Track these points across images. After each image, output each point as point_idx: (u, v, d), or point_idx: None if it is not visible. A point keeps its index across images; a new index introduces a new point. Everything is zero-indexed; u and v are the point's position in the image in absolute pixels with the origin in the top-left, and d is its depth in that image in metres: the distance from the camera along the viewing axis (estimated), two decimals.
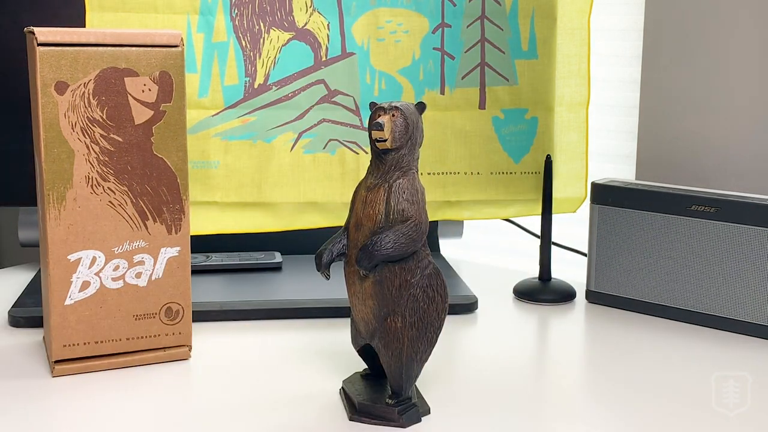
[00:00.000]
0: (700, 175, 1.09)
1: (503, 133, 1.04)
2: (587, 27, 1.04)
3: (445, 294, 0.69)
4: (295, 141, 0.99)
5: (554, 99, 1.05)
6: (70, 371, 0.77)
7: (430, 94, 1.02)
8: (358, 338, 0.72)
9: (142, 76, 0.75)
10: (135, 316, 0.79)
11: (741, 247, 0.89)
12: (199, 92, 0.96)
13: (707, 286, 0.92)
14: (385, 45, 1.00)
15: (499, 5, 1.02)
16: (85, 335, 0.77)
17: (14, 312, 0.90)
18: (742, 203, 0.89)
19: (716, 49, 1.08)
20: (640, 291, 0.97)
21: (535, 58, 1.03)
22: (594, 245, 0.99)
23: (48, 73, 0.72)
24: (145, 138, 0.76)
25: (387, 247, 0.65)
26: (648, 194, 0.95)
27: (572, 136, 1.06)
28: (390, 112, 0.67)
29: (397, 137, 0.67)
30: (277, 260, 1.07)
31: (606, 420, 0.71)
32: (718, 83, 1.08)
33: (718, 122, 1.09)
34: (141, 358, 0.79)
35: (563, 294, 1.02)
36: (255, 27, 0.97)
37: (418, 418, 0.69)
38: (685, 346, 0.88)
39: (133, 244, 0.78)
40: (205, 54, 0.96)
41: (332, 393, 0.74)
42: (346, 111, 1.00)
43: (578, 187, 1.07)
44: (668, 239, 0.94)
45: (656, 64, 1.13)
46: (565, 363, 0.86)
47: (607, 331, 0.93)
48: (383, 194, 0.67)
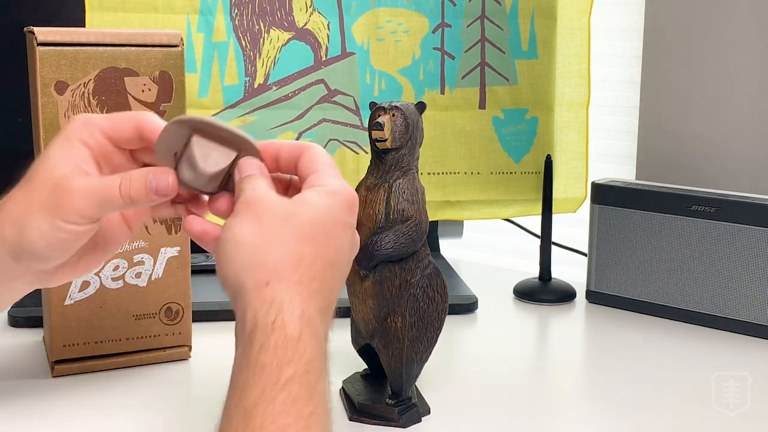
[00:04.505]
0: (700, 175, 1.09)
1: (503, 133, 1.04)
2: (587, 27, 1.04)
3: (445, 294, 0.69)
4: (295, 141, 0.99)
5: (554, 99, 1.05)
6: (70, 371, 0.77)
7: (430, 94, 1.02)
8: (358, 338, 0.72)
9: (142, 76, 0.75)
10: (135, 316, 0.79)
11: (741, 247, 0.89)
12: (199, 92, 0.96)
13: (707, 286, 0.92)
14: (385, 45, 1.00)
15: (499, 5, 1.02)
16: (85, 335, 0.77)
17: (14, 312, 0.89)
18: (742, 203, 0.89)
19: (716, 49, 1.08)
20: (640, 291, 0.96)
21: (535, 58, 1.03)
22: (594, 245, 0.99)
23: (48, 73, 0.72)
24: None
25: (387, 247, 0.65)
26: (648, 194, 0.95)
27: (572, 136, 1.06)
28: (390, 111, 0.67)
29: (397, 137, 0.67)
30: None
31: (606, 419, 0.71)
32: (718, 83, 1.08)
33: (718, 122, 1.09)
34: (141, 358, 0.79)
35: (563, 294, 1.02)
36: (255, 27, 0.97)
37: (418, 418, 0.69)
38: (685, 346, 0.88)
39: (132, 244, 0.77)
40: (205, 54, 0.96)
41: (332, 393, 0.74)
42: (346, 111, 1.00)
43: (578, 187, 1.06)
44: (668, 239, 0.94)
45: (656, 65, 1.13)
46: (565, 363, 0.86)
47: (607, 331, 0.93)
48: (383, 194, 0.67)
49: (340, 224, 0.52)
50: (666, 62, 1.12)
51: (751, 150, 1.07)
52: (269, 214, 0.50)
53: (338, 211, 0.52)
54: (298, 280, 0.49)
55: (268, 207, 0.51)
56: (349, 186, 0.54)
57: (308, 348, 0.47)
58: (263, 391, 0.45)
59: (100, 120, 0.55)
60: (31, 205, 0.53)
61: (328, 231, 0.51)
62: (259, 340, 0.47)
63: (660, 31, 1.12)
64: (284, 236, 0.49)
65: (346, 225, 0.52)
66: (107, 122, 0.55)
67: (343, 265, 0.53)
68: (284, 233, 0.49)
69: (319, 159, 0.55)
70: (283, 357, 0.46)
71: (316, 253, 0.50)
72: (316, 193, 0.52)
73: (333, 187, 0.53)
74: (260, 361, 0.46)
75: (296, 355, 0.46)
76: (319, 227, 0.51)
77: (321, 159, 0.55)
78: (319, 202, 0.51)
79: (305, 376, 0.46)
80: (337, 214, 0.52)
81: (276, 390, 0.45)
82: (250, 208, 0.51)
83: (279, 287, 0.48)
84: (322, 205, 0.51)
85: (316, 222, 0.50)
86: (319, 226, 0.51)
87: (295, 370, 0.46)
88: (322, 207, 0.51)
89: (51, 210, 0.52)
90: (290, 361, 0.46)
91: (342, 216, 0.52)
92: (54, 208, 0.52)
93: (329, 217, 0.51)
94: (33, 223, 0.53)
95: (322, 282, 0.50)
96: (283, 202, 0.51)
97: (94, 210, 0.53)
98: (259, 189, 0.52)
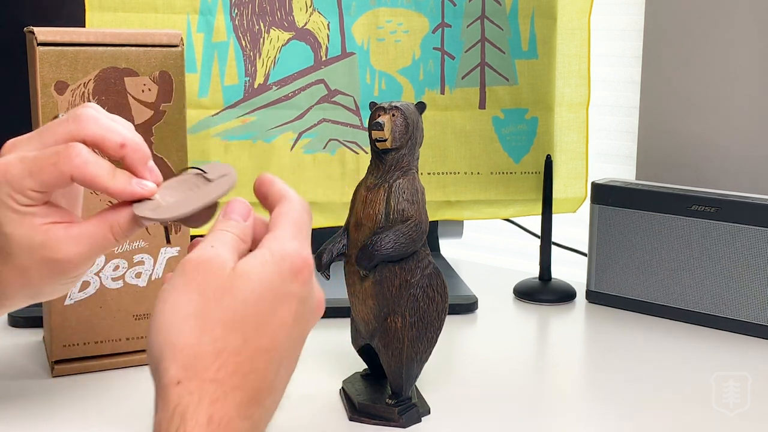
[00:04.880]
0: (700, 175, 1.09)
1: (503, 133, 1.04)
2: (587, 27, 1.04)
3: (445, 294, 0.69)
4: (295, 141, 0.99)
5: (554, 99, 1.05)
6: (70, 371, 0.77)
7: (430, 94, 1.02)
8: (358, 338, 0.72)
9: (142, 76, 0.75)
10: (135, 316, 0.79)
11: (741, 247, 0.89)
12: (199, 92, 0.96)
13: (707, 286, 0.92)
14: (385, 45, 1.00)
15: (499, 5, 1.02)
16: (85, 335, 0.77)
17: (14, 312, 0.89)
18: (742, 203, 0.89)
19: (716, 49, 1.08)
20: (640, 291, 0.96)
21: (535, 58, 1.03)
22: (594, 245, 0.99)
23: (48, 73, 0.72)
24: (145, 138, 0.76)
25: (387, 247, 0.65)
26: (648, 194, 0.95)
27: (572, 136, 1.06)
28: (390, 111, 0.67)
29: (397, 137, 0.67)
30: None
31: (606, 419, 0.71)
32: (718, 83, 1.08)
33: (718, 122, 1.09)
34: (141, 358, 0.79)
35: (563, 294, 1.02)
36: (255, 27, 0.97)
37: (418, 418, 0.69)
38: (685, 346, 0.88)
39: (132, 244, 0.77)
40: (205, 54, 0.96)
41: (332, 393, 0.74)
42: (346, 111, 1.00)
43: (578, 187, 1.06)
44: (668, 239, 0.94)
45: (656, 65, 1.13)
46: (565, 363, 0.86)
47: (607, 331, 0.93)
48: (383, 194, 0.67)
49: (279, 298, 0.47)
50: (666, 62, 1.12)
51: (751, 150, 1.07)
52: (207, 288, 0.46)
53: (279, 282, 0.47)
54: (213, 377, 0.44)
55: (208, 277, 0.46)
56: (302, 249, 0.49)
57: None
58: None
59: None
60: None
61: (263, 311, 0.46)
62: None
63: (660, 31, 1.12)
64: (211, 321, 0.45)
65: (287, 297, 0.47)
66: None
67: (281, 345, 0.47)
68: (212, 316, 0.45)
69: (284, 214, 0.50)
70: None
71: (244, 341, 0.45)
72: (258, 260, 0.47)
73: (279, 251, 0.48)
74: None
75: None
76: (254, 309, 0.46)
77: (287, 214, 0.50)
78: (258, 275, 0.47)
79: None
80: (276, 287, 0.47)
81: None
82: (193, 272, 0.47)
83: (189, 387, 0.44)
84: (261, 278, 0.47)
85: (251, 303, 0.46)
86: (254, 308, 0.46)
87: None
88: (261, 281, 0.46)
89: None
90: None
91: (283, 287, 0.47)
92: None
93: (268, 293, 0.47)
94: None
95: (246, 374, 0.45)
96: (225, 275, 0.47)
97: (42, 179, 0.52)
98: (216, 248, 0.48)
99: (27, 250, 0.53)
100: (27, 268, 0.53)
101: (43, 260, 0.53)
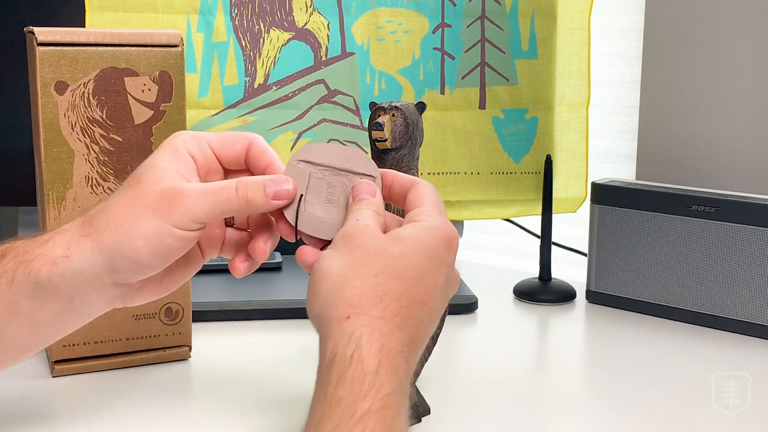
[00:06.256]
0: (700, 175, 1.09)
1: (503, 133, 1.04)
2: (587, 27, 1.04)
3: None
4: (296, 141, 0.99)
5: (554, 99, 1.05)
6: (70, 371, 0.77)
7: (430, 94, 1.02)
8: None
9: (141, 76, 0.75)
10: (135, 316, 0.79)
11: (741, 247, 0.89)
12: (199, 92, 0.96)
13: (707, 286, 0.92)
14: (385, 45, 1.00)
15: (499, 5, 1.02)
16: (85, 335, 0.77)
17: None
18: (742, 203, 0.89)
19: (716, 49, 1.08)
20: (640, 291, 0.96)
21: (535, 58, 1.03)
22: (594, 245, 0.99)
23: (48, 73, 0.72)
24: (145, 138, 0.76)
25: None
26: (648, 194, 0.95)
27: (572, 136, 1.06)
28: (390, 111, 0.67)
29: (397, 137, 0.67)
30: (277, 260, 1.07)
31: (606, 420, 0.71)
32: (718, 83, 1.08)
33: (718, 122, 1.09)
34: (141, 358, 0.79)
35: (563, 294, 1.02)
36: (255, 27, 0.97)
37: (418, 418, 0.69)
38: (685, 346, 0.88)
39: None
40: (205, 54, 0.96)
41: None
42: (346, 111, 1.00)
43: (578, 187, 1.06)
44: (668, 239, 0.94)
45: (656, 65, 1.13)
46: (565, 363, 0.86)
47: (607, 331, 0.93)
48: None
49: (434, 261, 0.51)
50: (666, 62, 1.12)
51: (751, 150, 1.07)
52: (361, 248, 0.50)
53: (434, 247, 0.51)
54: (380, 314, 0.48)
55: (361, 241, 0.51)
56: (449, 223, 0.53)
57: (386, 383, 0.46)
58: (338, 425, 0.45)
59: (210, 135, 0.57)
60: (137, 209, 0.53)
61: (421, 267, 0.50)
62: (336, 373, 0.46)
63: (660, 31, 1.12)
64: (372, 270, 0.49)
65: (441, 261, 0.52)
66: (217, 138, 0.57)
67: (435, 302, 0.52)
68: (372, 268, 0.49)
69: (424, 195, 0.55)
70: (359, 391, 0.45)
71: (404, 290, 0.49)
72: (413, 228, 0.52)
73: (431, 222, 0.52)
74: (336, 395, 0.46)
75: (373, 390, 0.46)
76: (411, 263, 0.50)
77: (426, 195, 0.55)
78: (414, 238, 0.51)
79: (381, 412, 0.45)
80: (432, 251, 0.51)
81: (350, 424, 0.44)
82: (346, 240, 0.51)
83: (359, 321, 0.48)
84: (417, 241, 0.51)
85: (408, 258, 0.50)
86: (411, 262, 0.50)
87: (371, 404, 0.45)
88: (417, 243, 0.51)
89: (160, 214, 0.52)
90: (366, 395, 0.45)
91: (438, 252, 0.51)
92: (164, 211, 0.52)
93: (424, 254, 0.51)
94: (139, 227, 0.53)
95: (406, 318, 0.49)
96: (379, 236, 0.51)
97: (206, 212, 0.53)
98: (361, 221, 0.52)
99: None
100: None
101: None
